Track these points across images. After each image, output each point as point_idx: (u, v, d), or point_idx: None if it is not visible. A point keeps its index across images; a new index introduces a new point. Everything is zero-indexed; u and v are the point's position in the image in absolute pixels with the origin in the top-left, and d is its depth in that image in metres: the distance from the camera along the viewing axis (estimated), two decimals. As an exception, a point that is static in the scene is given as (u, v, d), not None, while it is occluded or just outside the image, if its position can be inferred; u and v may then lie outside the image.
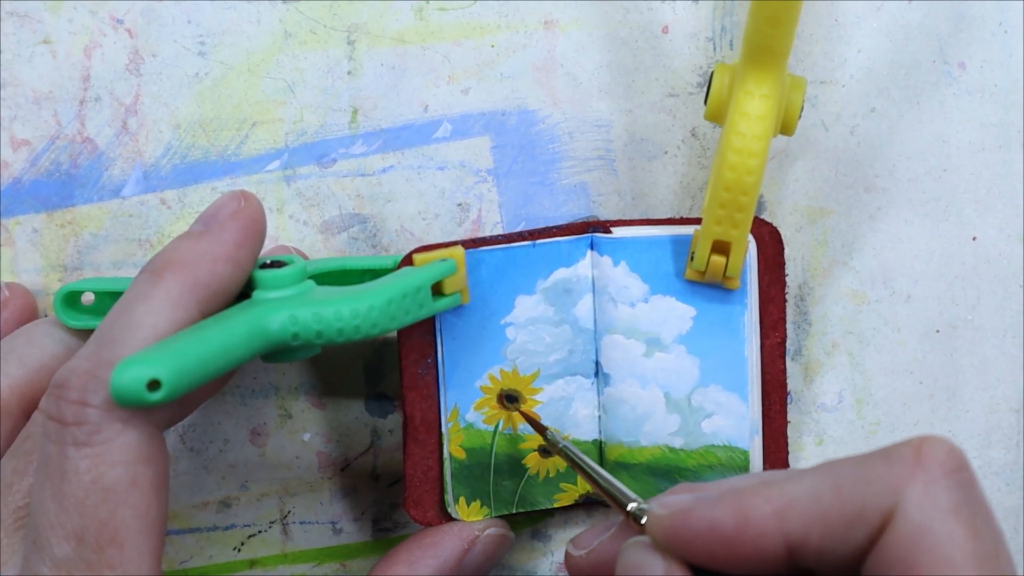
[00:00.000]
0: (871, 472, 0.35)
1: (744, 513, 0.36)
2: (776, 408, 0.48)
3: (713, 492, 0.37)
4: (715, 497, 0.37)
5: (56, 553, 0.37)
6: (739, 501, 0.36)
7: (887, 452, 0.36)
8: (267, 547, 0.51)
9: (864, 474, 0.35)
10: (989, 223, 0.50)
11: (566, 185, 0.50)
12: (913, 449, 0.35)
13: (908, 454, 0.35)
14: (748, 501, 0.36)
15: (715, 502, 0.36)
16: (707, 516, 0.36)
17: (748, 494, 0.36)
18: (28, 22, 0.49)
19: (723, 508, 0.36)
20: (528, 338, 0.47)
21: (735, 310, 0.47)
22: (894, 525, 0.34)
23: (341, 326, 0.40)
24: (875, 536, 0.35)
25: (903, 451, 0.35)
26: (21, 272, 0.50)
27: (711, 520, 0.36)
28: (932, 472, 0.35)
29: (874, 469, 0.35)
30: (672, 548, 0.37)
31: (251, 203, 0.43)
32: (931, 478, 0.35)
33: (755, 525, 0.36)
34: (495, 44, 0.49)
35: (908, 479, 0.35)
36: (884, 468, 0.35)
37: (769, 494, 0.36)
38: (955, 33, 0.49)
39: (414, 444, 0.47)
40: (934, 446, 0.35)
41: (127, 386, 0.36)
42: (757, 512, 0.36)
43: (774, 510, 0.36)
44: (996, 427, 0.51)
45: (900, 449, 0.35)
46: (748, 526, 0.36)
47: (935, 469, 0.35)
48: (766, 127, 0.43)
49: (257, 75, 0.49)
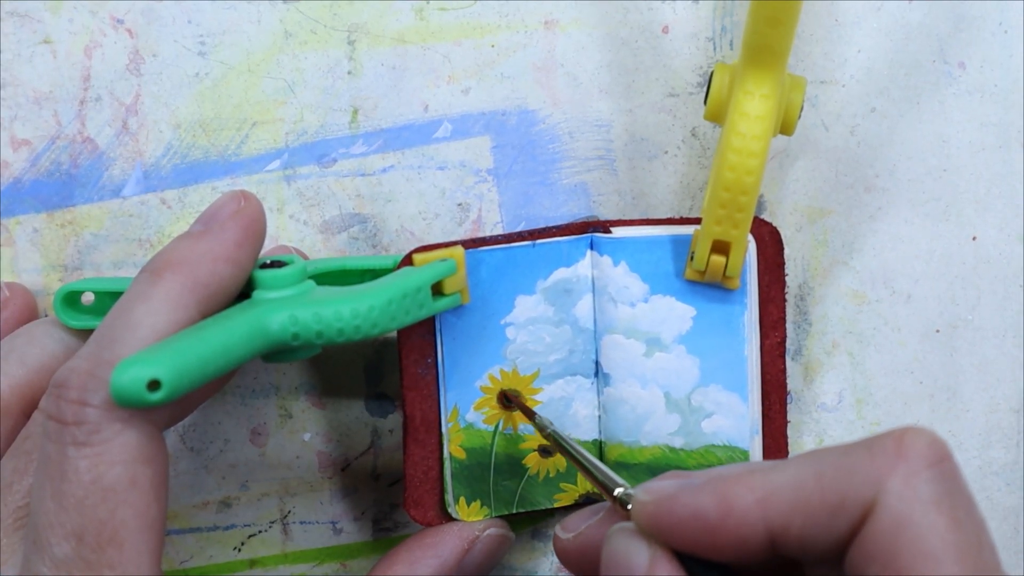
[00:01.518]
0: (853, 462, 0.35)
1: (727, 501, 0.36)
2: (776, 408, 0.48)
3: (698, 479, 0.37)
4: (699, 484, 0.37)
5: (56, 552, 0.37)
6: (722, 488, 0.36)
7: (869, 443, 0.35)
8: (267, 547, 0.51)
9: (846, 464, 0.35)
10: (989, 223, 0.50)
11: (566, 185, 0.50)
12: (895, 440, 0.35)
13: (890, 445, 0.35)
14: (731, 489, 0.36)
15: (698, 489, 0.36)
16: (690, 503, 0.36)
17: (731, 482, 0.36)
18: (28, 22, 0.49)
19: (706, 495, 0.36)
20: (528, 338, 0.47)
21: (735, 310, 0.47)
22: (875, 516, 0.34)
23: (341, 326, 0.40)
24: (857, 527, 0.35)
25: (885, 442, 0.35)
26: (21, 272, 0.50)
27: (694, 507, 0.36)
28: (914, 463, 0.35)
29: (856, 460, 0.35)
30: (657, 534, 0.37)
31: (251, 203, 0.43)
32: (912, 469, 0.34)
33: (737, 513, 0.36)
34: (495, 44, 0.49)
35: (889, 470, 0.35)
36: (866, 459, 0.35)
37: (752, 482, 0.36)
38: (955, 33, 0.49)
39: (414, 444, 0.47)
40: (916, 437, 0.35)
41: (127, 386, 0.36)
42: (739, 500, 0.36)
43: (756, 499, 0.36)
44: (996, 427, 0.51)
45: (882, 440, 0.35)
46: (730, 514, 0.36)
47: (917, 460, 0.35)
48: (766, 127, 0.43)
49: (257, 75, 0.49)
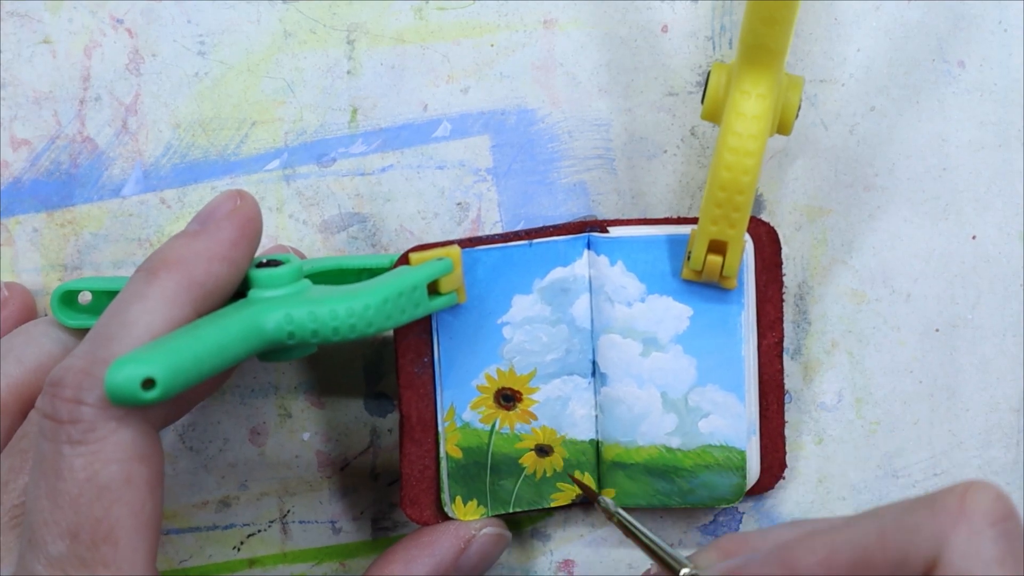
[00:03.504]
0: (915, 520, 0.35)
1: (791, 568, 0.36)
2: (773, 408, 0.48)
3: (760, 549, 0.37)
4: (763, 557, 0.37)
5: (51, 551, 0.37)
6: (785, 557, 0.36)
7: (932, 499, 0.35)
8: (266, 546, 0.51)
9: (908, 522, 0.35)
10: (989, 222, 0.50)
11: (565, 184, 0.50)
12: (958, 497, 0.35)
13: (953, 502, 0.35)
14: (794, 555, 0.36)
15: (763, 563, 0.37)
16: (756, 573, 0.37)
17: (793, 548, 0.36)
18: (28, 22, 0.49)
19: (771, 568, 0.37)
20: (525, 337, 0.47)
21: (732, 310, 0.47)
22: (938, 574, 0.34)
23: (337, 325, 0.40)
24: None
25: (948, 499, 0.35)
26: (21, 272, 0.50)
27: None
28: (977, 522, 0.34)
29: (918, 517, 0.35)
30: None
31: (247, 202, 0.43)
32: (976, 528, 0.34)
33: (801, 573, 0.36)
34: (494, 43, 0.49)
35: (952, 528, 0.34)
36: (928, 516, 0.35)
37: (814, 545, 0.36)
38: (954, 32, 0.49)
39: (411, 443, 0.47)
40: (979, 493, 0.35)
41: (122, 384, 0.36)
42: (803, 564, 0.36)
43: (819, 561, 0.36)
44: (996, 427, 0.50)
45: (945, 497, 0.35)
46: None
47: (980, 518, 0.35)
48: (762, 127, 0.43)
49: (257, 75, 0.50)
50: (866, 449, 0.50)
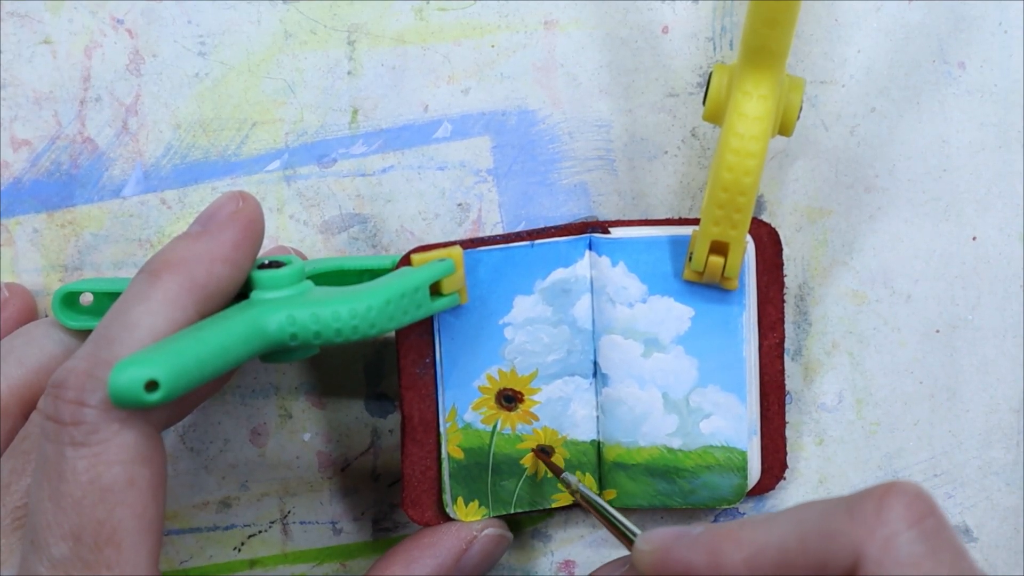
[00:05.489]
0: (834, 525, 0.35)
1: (716, 558, 0.37)
2: (774, 409, 0.48)
3: (696, 530, 0.38)
4: (694, 537, 0.38)
5: (53, 553, 0.37)
6: (713, 544, 0.37)
7: (851, 505, 0.36)
8: (267, 547, 0.51)
9: (827, 527, 0.35)
10: (989, 223, 0.50)
11: (566, 185, 0.50)
12: (875, 501, 0.35)
13: (869, 507, 0.35)
14: (721, 545, 0.37)
15: (692, 543, 0.38)
16: (683, 559, 0.38)
17: (722, 538, 0.37)
18: (28, 22, 0.49)
19: (698, 552, 0.37)
20: (526, 338, 0.47)
21: (733, 310, 0.47)
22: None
23: (339, 326, 0.40)
24: None
25: (865, 504, 0.35)
26: (21, 272, 0.50)
27: (686, 563, 0.37)
28: (893, 525, 0.35)
29: (837, 523, 0.35)
30: None
31: (249, 203, 0.43)
32: (892, 531, 0.35)
33: (726, 570, 0.37)
34: (495, 44, 0.49)
35: (868, 535, 0.35)
36: (846, 522, 0.35)
37: (741, 539, 0.37)
38: (955, 33, 0.49)
39: (412, 444, 0.47)
40: (896, 497, 0.35)
41: (125, 386, 0.36)
42: (727, 558, 0.37)
43: (744, 558, 0.36)
44: (996, 427, 0.50)
45: (863, 502, 0.35)
46: (719, 571, 0.37)
47: (896, 522, 0.35)
48: (764, 128, 0.43)
49: (257, 75, 0.49)
50: (866, 450, 0.50)
